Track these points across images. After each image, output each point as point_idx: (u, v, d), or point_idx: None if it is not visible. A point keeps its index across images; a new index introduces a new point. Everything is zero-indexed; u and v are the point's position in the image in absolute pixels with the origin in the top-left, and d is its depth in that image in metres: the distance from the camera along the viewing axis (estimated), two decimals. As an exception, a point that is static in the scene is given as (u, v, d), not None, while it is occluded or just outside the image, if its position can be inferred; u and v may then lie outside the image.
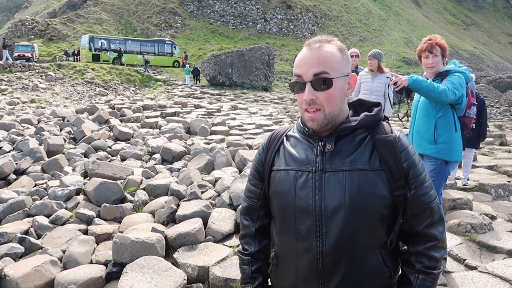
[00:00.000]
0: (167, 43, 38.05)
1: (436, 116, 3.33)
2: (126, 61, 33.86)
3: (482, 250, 4.01)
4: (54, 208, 5.20)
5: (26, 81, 21.95)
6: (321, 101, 1.26)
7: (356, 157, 1.28)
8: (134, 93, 24.05)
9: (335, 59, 1.27)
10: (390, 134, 1.31)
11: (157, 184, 5.70)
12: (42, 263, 3.67)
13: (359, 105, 1.42)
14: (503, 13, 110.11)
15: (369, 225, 1.26)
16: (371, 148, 1.29)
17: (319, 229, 1.27)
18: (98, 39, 34.54)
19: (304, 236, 1.29)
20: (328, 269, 1.27)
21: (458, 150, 3.35)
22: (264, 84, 26.24)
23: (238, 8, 57.11)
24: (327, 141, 1.31)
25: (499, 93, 23.80)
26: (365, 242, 1.27)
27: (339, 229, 1.25)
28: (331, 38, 1.32)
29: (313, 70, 1.24)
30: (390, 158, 1.27)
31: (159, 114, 13.67)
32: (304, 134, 1.38)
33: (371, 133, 1.32)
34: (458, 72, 3.26)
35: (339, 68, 1.27)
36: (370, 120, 1.32)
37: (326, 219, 1.26)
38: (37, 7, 70.50)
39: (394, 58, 53.69)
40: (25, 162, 7.37)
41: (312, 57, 1.26)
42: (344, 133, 1.31)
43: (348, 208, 1.24)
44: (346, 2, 68.13)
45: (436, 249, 1.31)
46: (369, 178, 1.25)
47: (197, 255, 3.86)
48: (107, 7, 51.53)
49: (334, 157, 1.29)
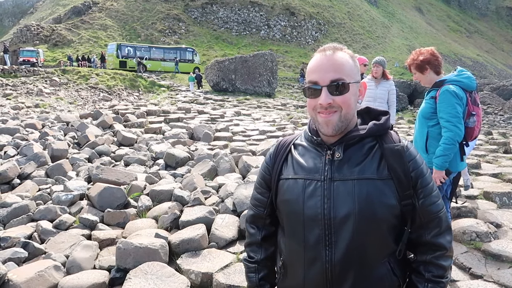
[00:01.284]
0: (188, 50, 39.45)
1: (428, 125, 3.34)
2: (150, 68, 35.33)
3: (487, 258, 3.98)
4: (57, 213, 5.21)
5: (31, 86, 22.08)
6: (338, 104, 1.26)
7: (364, 166, 1.28)
8: (138, 99, 24.12)
9: (349, 65, 1.29)
10: (399, 143, 1.32)
11: (161, 190, 5.70)
12: (46, 268, 3.67)
13: (367, 113, 1.43)
14: (507, 21, 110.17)
15: (378, 234, 1.26)
16: (380, 157, 1.30)
17: (328, 238, 1.26)
18: (125, 47, 35.86)
19: (312, 245, 1.29)
20: (337, 278, 1.27)
21: (454, 160, 3.28)
22: (267, 90, 26.27)
23: (242, 14, 57.41)
24: (336, 149, 1.31)
25: (503, 101, 23.72)
26: (374, 251, 1.27)
27: (348, 238, 1.24)
28: (342, 46, 1.34)
29: (329, 75, 1.26)
30: (399, 167, 1.27)
31: (163, 120, 13.69)
32: (312, 143, 1.38)
33: (379, 142, 1.32)
34: (452, 81, 3.20)
35: (352, 75, 1.29)
36: (378, 128, 1.33)
37: (335, 228, 1.26)
38: (43, 13, 71.12)
39: (397, 65, 53.73)
40: (29, 166, 7.40)
41: (328, 63, 1.28)
42: (352, 142, 1.32)
43: (357, 217, 1.23)
44: (350, 9, 68.38)
45: (444, 258, 1.32)
46: (378, 187, 1.25)
47: (201, 262, 3.85)
48: (112, 13, 51.93)
49: (342, 166, 1.29)
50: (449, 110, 3.14)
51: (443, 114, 3.17)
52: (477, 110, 3.30)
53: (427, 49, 3.35)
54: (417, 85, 26.42)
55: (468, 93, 3.25)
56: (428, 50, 3.33)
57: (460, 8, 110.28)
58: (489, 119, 18.90)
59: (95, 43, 44.71)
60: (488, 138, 11.32)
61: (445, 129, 3.16)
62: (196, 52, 39.90)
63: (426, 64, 3.31)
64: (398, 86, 23.98)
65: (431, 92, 3.33)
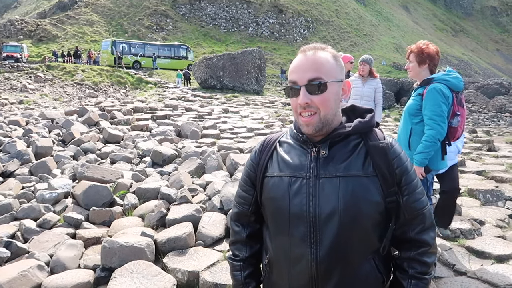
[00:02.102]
0: (182, 47, 39.34)
1: (413, 122, 3.36)
2: (145, 65, 35.33)
3: (471, 255, 4.04)
4: (41, 211, 5.12)
5: (15, 82, 21.68)
6: (316, 105, 1.27)
7: (350, 163, 1.29)
8: (124, 95, 23.88)
9: (329, 65, 1.29)
10: (383, 141, 1.33)
11: (147, 188, 5.65)
12: (29, 267, 3.60)
13: (352, 111, 1.44)
14: (491, 20, 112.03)
15: (363, 231, 1.27)
16: (365, 154, 1.31)
17: (313, 235, 1.27)
18: (119, 43, 35.48)
19: (298, 242, 1.29)
20: (322, 275, 1.28)
21: (436, 158, 3.31)
22: (255, 87, 26.26)
23: (230, 11, 57.21)
24: (321, 147, 1.32)
25: (487, 99, 24.14)
26: (359, 248, 1.28)
27: (333, 235, 1.25)
28: (325, 46, 1.34)
29: (308, 75, 1.27)
30: (383, 164, 1.29)
31: (150, 117, 13.56)
32: (297, 140, 1.38)
33: (364, 140, 1.33)
34: (440, 79, 3.22)
35: (333, 74, 1.29)
36: (363, 126, 1.33)
37: (320, 225, 1.26)
38: (27, 7, 69.79)
39: (384, 63, 54.23)
40: (13, 164, 7.26)
41: (307, 63, 1.28)
42: (337, 139, 1.32)
43: (342, 214, 1.24)
44: (337, 7, 68.69)
45: (428, 254, 1.34)
46: (363, 184, 1.26)
47: (187, 260, 3.83)
48: (98, 8, 51.23)
49: (328, 163, 1.30)
50: (434, 108, 3.16)
51: (428, 111, 3.20)
52: (461, 111, 3.33)
53: (435, 46, 3.36)
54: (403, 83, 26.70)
55: (454, 93, 3.28)
56: (435, 47, 3.35)
57: (446, 7, 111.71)
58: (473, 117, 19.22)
59: (81, 39, 44.07)
60: (472, 136, 11.49)
61: (428, 126, 3.18)
62: (190, 49, 39.86)
63: (428, 58, 3.32)
64: (385, 84, 24.21)
65: (419, 89, 3.35)
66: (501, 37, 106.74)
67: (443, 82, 3.23)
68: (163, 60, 36.70)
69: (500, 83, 27.21)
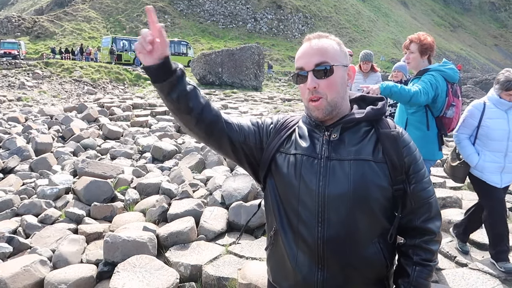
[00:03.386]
0: (182, 43, 39.23)
1: (408, 112, 3.39)
2: None
3: (472, 247, 4.07)
4: (43, 207, 5.12)
5: (13, 79, 21.58)
6: (323, 89, 1.30)
7: (361, 148, 1.32)
8: (123, 92, 23.79)
9: (334, 50, 1.33)
10: (394, 129, 1.36)
11: (148, 183, 5.66)
12: (31, 262, 3.61)
13: (363, 100, 1.46)
14: (489, 16, 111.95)
15: (370, 214, 1.30)
16: (375, 140, 1.34)
17: (321, 214, 1.29)
18: (120, 40, 35.42)
19: (305, 220, 1.32)
20: (328, 254, 1.30)
21: (431, 148, 3.33)
22: (254, 83, 26.19)
23: (228, 7, 57.04)
24: (333, 130, 1.35)
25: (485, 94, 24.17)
26: (365, 230, 1.31)
27: (341, 215, 1.28)
28: (328, 34, 1.39)
29: (314, 60, 1.30)
30: (393, 152, 1.32)
31: (149, 113, 13.54)
32: (310, 125, 1.41)
33: (375, 127, 1.36)
34: (436, 70, 3.27)
35: (338, 58, 1.33)
36: (375, 113, 1.36)
37: (328, 205, 1.29)
38: (24, 4, 69.46)
39: (383, 58, 54.22)
40: (13, 160, 7.26)
41: (312, 49, 1.33)
42: (349, 125, 1.35)
43: (351, 196, 1.27)
44: (336, 3, 68.54)
45: (433, 242, 1.37)
46: (372, 169, 1.29)
47: (190, 254, 3.84)
48: (96, 5, 51.02)
49: (339, 147, 1.33)
50: (424, 81, 3.19)
51: (424, 81, 3.20)
52: (457, 102, 3.35)
53: (432, 37, 3.39)
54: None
55: (450, 84, 3.31)
56: (432, 39, 3.38)
57: (445, 3, 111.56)
58: (472, 112, 19.21)
59: (79, 35, 43.90)
60: (471, 131, 11.51)
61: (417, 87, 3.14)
62: (190, 46, 39.78)
63: (428, 50, 3.35)
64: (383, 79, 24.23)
65: (414, 80, 3.38)
66: (499, 32, 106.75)
67: (438, 72, 3.25)
68: None
69: (498, 78, 27.20)
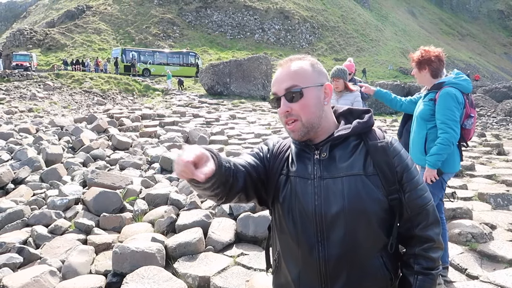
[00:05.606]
0: (191, 54, 39.77)
1: (427, 127, 3.38)
2: (154, 72, 35.82)
3: (483, 259, 4.00)
4: (53, 217, 5.17)
5: (24, 90, 21.96)
6: (296, 112, 1.33)
7: (352, 163, 1.32)
8: (132, 103, 24.05)
9: (304, 72, 1.35)
10: (383, 140, 1.36)
11: (157, 194, 5.69)
12: (41, 273, 3.64)
13: (350, 113, 1.46)
14: (498, 24, 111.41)
15: (369, 228, 1.29)
16: (365, 153, 1.34)
17: (321, 234, 1.30)
18: (129, 51, 36.02)
19: (306, 242, 1.32)
20: (331, 273, 1.30)
21: (452, 161, 3.33)
22: (262, 93, 26.29)
23: (236, 18, 57.55)
24: (322, 149, 1.35)
25: (495, 103, 23.94)
26: (366, 245, 1.30)
27: (340, 234, 1.28)
28: (303, 56, 1.41)
29: (284, 85, 1.34)
30: (384, 163, 1.32)
31: (158, 123, 13.64)
32: (300, 145, 1.42)
33: (364, 140, 1.36)
34: (451, 84, 3.23)
35: (309, 80, 1.34)
36: (362, 126, 1.37)
37: (327, 224, 1.29)
38: (36, 17, 70.81)
39: (391, 68, 54.10)
40: (24, 171, 7.35)
41: (282, 74, 1.36)
42: (337, 142, 1.36)
43: (347, 213, 1.27)
44: (343, 13, 68.79)
45: (433, 250, 1.36)
46: (365, 183, 1.29)
47: (198, 265, 3.84)
48: (106, 17, 51.83)
49: (330, 164, 1.33)
50: (447, 112, 3.18)
51: (440, 116, 3.20)
52: (473, 112, 3.37)
53: (435, 50, 3.35)
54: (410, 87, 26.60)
55: (465, 96, 3.30)
56: (434, 51, 3.33)
57: (452, 11, 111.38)
58: (482, 121, 19.07)
59: (89, 47, 44.55)
60: (481, 140, 11.40)
61: (441, 130, 3.20)
62: (198, 56, 40.36)
63: (425, 63, 3.34)
64: (392, 89, 24.14)
65: (430, 94, 3.35)
66: (508, 41, 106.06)
67: (455, 85, 3.24)
68: (172, 68, 37.08)
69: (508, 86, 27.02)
